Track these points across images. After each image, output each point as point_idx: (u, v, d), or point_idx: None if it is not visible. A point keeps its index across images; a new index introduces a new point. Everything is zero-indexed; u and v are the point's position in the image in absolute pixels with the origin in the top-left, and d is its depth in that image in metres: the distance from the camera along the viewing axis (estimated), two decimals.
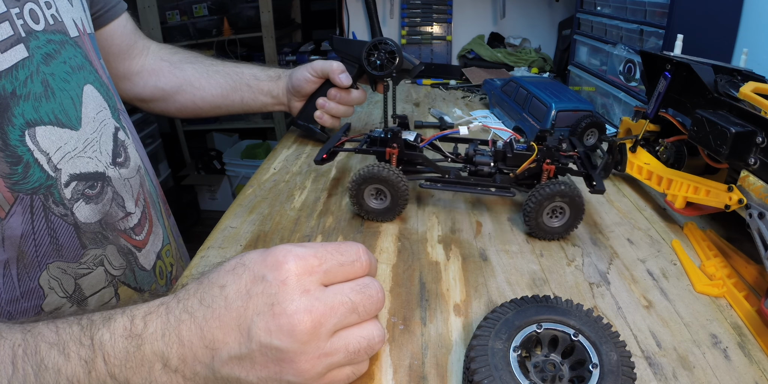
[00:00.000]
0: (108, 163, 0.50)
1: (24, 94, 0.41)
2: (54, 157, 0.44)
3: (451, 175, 0.54)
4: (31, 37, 0.43)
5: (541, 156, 0.52)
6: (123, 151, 0.54)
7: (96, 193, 0.48)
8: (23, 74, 0.41)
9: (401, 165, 0.55)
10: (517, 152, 0.53)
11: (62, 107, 0.45)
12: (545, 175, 0.52)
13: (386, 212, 0.54)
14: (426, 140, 0.56)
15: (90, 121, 0.49)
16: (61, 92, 0.45)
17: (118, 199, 0.51)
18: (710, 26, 0.70)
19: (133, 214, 0.53)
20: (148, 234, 0.56)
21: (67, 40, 0.48)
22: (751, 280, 0.44)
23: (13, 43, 0.41)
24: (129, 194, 0.53)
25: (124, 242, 0.52)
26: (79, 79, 0.49)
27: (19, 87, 0.41)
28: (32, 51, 0.43)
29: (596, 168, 0.52)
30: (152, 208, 0.58)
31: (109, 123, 0.52)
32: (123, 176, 0.52)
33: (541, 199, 0.49)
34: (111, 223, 0.50)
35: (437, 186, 0.54)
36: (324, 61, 0.73)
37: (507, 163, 0.53)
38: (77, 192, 0.46)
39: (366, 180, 0.52)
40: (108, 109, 0.53)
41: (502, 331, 0.33)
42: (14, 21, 0.41)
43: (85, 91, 0.49)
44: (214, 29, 2.25)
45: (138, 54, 0.73)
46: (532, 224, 0.50)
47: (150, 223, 0.57)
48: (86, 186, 0.47)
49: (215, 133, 2.51)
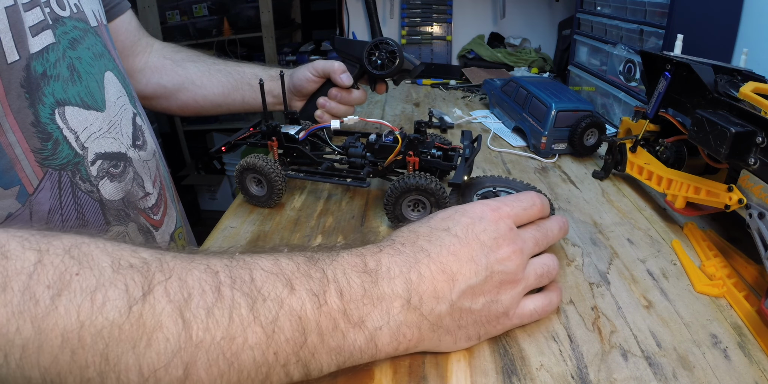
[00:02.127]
0: (129, 145, 0.52)
1: (54, 75, 0.43)
2: (81, 135, 0.46)
3: (323, 166, 0.57)
4: (58, 24, 0.45)
5: (405, 148, 0.53)
6: (141, 135, 0.56)
7: (119, 172, 0.50)
8: (53, 57, 0.43)
9: (291, 157, 0.59)
10: (383, 144, 0.54)
11: (88, 90, 0.47)
12: (410, 167, 0.53)
13: (266, 199, 0.57)
14: (303, 134, 0.59)
15: (112, 104, 0.51)
16: (87, 75, 0.48)
17: (138, 179, 0.53)
18: (710, 26, 0.70)
19: (151, 194, 0.55)
20: (163, 215, 0.58)
21: (89, 28, 0.50)
22: (751, 280, 0.44)
23: (43, 28, 0.43)
24: (147, 176, 0.55)
25: (144, 221, 0.54)
26: (101, 66, 0.51)
27: (50, 68, 0.43)
28: (59, 37, 0.45)
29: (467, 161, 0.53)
30: (167, 191, 0.61)
31: (128, 108, 0.55)
32: (142, 158, 0.55)
33: (398, 192, 0.50)
34: (132, 202, 0.52)
35: (300, 175, 0.57)
36: (325, 60, 0.73)
37: (376, 155, 0.55)
38: (102, 170, 0.48)
39: (246, 169, 0.56)
40: (126, 95, 0.55)
41: (471, 190, 0.51)
42: (42, 7, 0.43)
43: (106, 77, 0.51)
44: (214, 29, 2.25)
45: (141, 51, 0.73)
46: (391, 216, 0.52)
47: (165, 204, 0.59)
48: (110, 165, 0.49)
49: (215, 133, 2.51)
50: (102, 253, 0.26)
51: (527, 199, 0.40)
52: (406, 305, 0.31)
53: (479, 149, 0.55)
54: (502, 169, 0.70)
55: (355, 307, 0.29)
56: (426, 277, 0.32)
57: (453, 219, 0.36)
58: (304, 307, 0.28)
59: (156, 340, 0.24)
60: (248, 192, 0.58)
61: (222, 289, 0.27)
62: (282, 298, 0.27)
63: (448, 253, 0.34)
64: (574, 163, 0.71)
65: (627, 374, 0.34)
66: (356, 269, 0.31)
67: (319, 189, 0.63)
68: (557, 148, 0.73)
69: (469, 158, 0.53)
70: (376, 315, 0.30)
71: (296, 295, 0.28)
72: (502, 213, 0.38)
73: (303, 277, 0.29)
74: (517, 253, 0.36)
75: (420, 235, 0.35)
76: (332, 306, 0.28)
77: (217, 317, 0.26)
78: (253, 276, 0.28)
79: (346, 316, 0.29)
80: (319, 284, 0.29)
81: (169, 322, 0.25)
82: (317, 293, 0.28)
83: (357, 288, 0.30)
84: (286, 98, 0.64)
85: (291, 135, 0.58)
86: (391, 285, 0.31)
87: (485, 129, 0.87)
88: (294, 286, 0.28)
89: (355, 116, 0.57)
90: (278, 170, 0.55)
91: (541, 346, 0.37)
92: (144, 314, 0.25)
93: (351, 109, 0.75)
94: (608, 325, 0.39)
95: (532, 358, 0.36)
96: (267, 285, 0.28)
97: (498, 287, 0.34)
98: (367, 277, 0.30)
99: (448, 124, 0.86)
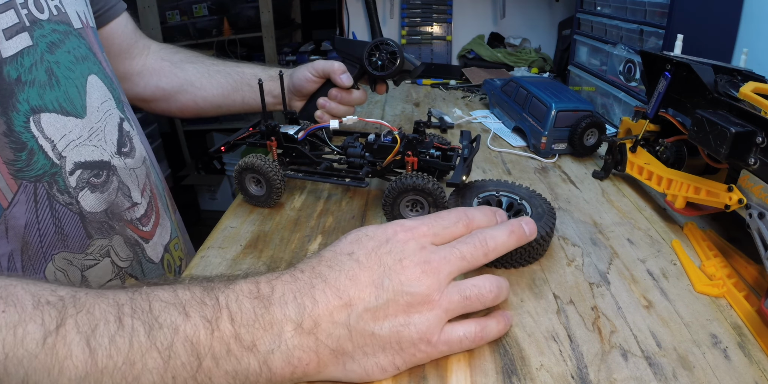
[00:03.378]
0: (113, 153, 0.50)
1: (29, 81, 0.41)
2: (59, 144, 0.43)
3: (322, 166, 0.57)
4: (36, 26, 0.43)
5: (403, 148, 0.53)
6: (128, 142, 0.54)
7: (101, 181, 0.48)
8: (28, 61, 0.41)
9: (290, 157, 0.59)
10: (381, 144, 0.54)
11: (67, 95, 0.45)
12: (409, 167, 0.53)
13: (266, 199, 0.57)
14: (302, 133, 0.59)
15: (95, 110, 0.49)
16: (66, 80, 0.46)
17: (123, 188, 0.51)
18: (710, 26, 0.70)
19: (139, 204, 0.53)
20: (155, 226, 0.56)
21: (71, 30, 0.48)
22: (751, 280, 0.44)
23: (18, 31, 0.41)
24: (135, 184, 0.53)
25: (131, 233, 0.51)
26: (84, 69, 0.49)
27: (24, 73, 0.41)
28: (36, 40, 0.43)
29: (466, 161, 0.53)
30: (159, 200, 0.58)
31: (113, 113, 0.52)
32: (129, 166, 0.52)
33: (396, 192, 0.50)
34: (117, 213, 0.49)
35: (299, 175, 0.57)
36: (325, 61, 0.73)
37: (375, 155, 0.55)
38: (82, 180, 0.46)
39: (245, 169, 0.56)
40: (112, 99, 0.53)
41: (473, 193, 0.51)
42: (18, 9, 0.41)
43: (90, 81, 0.49)
44: (214, 29, 2.25)
45: (139, 54, 0.73)
46: (390, 216, 0.51)
47: (157, 214, 0.57)
48: (91, 174, 0.47)
49: (215, 133, 2.51)
50: (25, 293, 0.29)
51: (451, 217, 0.38)
52: (298, 329, 0.31)
53: (478, 149, 0.55)
54: (502, 169, 0.70)
55: (247, 331, 0.30)
56: (320, 302, 0.31)
57: (359, 242, 0.35)
58: (197, 332, 0.29)
59: (67, 368, 0.27)
60: (247, 192, 0.58)
61: (123, 318, 0.29)
62: (177, 324, 0.29)
63: (346, 277, 0.33)
64: (574, 163, 0.71)
65: (627, 374, 0.34)
66: (249, 295, 0.31)
67: (319, 189, 0.63)
68: (557, 148, 0.73)
69: (467, 158, 0.53)
70: (267, 339, 0.30)
71: (191, 321, 0.29)
72: (417, 232, 0.36)
73: (197, 304, 0.30)
74: (428, 273, 0.34)
75: (323, 260, 0.35)
76: (224, 331, 0.29)
77: (118, 344, 0.28)
78: (151, 306, 0.29)
79: (238, 340, 0.29)
80: (212, 310, 0.30)
81: (77, 350, 0.27)
82: (210, 319, 0.29)
83: (248, 313, 0.30)
84: (285, 98, 0.64)
85: (290, 135, 0.58)
86: (283, 310, 0.31)
87: (485, 129, 0.87)
88: (189, 313, 0.29)
89: (355, 116, 0.57)
90: (277, 170, 0.55)
91: (541, 346, 0.37)
92: (57, 344, 0.27)
93: (351, 110, 0.75)
94: (608, 325, 0.39)
95: (532, 358, 0.36)
96: (163, 313, 0.29)
97: (406, 310, 0.33)
98: (258, 303, 0.31)
99: (448, 124, 0.86)
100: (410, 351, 0.33)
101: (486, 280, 0.36)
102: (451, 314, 0.34)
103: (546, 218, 0.47)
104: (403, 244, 0.35)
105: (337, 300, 0.32)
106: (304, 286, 0.32)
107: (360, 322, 0.32)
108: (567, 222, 0.55)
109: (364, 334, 0.32)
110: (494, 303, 0.36)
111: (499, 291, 0.36)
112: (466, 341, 0.34)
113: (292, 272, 0.34)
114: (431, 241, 0.36)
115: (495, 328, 0.36)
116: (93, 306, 0.29)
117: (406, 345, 0.32)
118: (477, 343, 0.35)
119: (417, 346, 0.33)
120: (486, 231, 0.38)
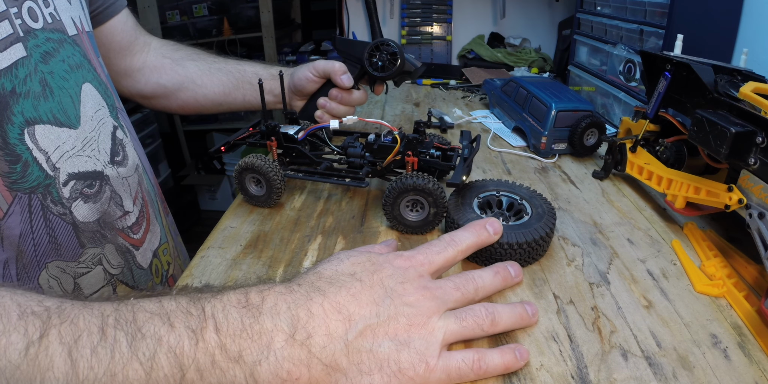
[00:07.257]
0: (106, 162, 0.50)
1: (23, 92, 0.41)
2: (53, 155, 0.43)
3: (322, 166, 0.57)
4: (30, 36, 0.43)
5: (404, 148, 0.53)
6: (121, 150, 0.54)
7: (94, 192, 0.48)
8: (23, 72, 0.41)
9: (290, 157, 0.59)
10: (382, 144, 0.54)
11: (61, 106, 0.45)
12: (409, 167, 0.53)
13: (266, 199, 0.57)
14: (302, 133, 0.59)
15: (88, 119, 0.49)
16: (60, 90, 0.45)
17: (116, 197, 0.51)
18: (710, 26, 0.70)
19: (131, 212, 0.53)
20: (145, 232, 0.56)
21: (66, 38, 0.48)
22: (751, 280, 0.44)
23: (12, 42, 0.41)
24: (127, 193, 0.53)
25: (122, 241, 0.52)
26: (78, 78, 0.48)
27: (19, 85, 0.41)
28: (30, 50, 0.43)
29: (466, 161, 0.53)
30: (150, 206, 0.58)
31: (107, 121, 0.52)
32: (121, 175, 0.52)
33: (396, 192, 0.50)
34: (109, 222, 0.50)
35: (299, 175, 0.57)
36: (326, 61, 0.73)
37: (375, 155, 0.55)
38: (75, 191, 0.46)
39: (245, 169, 0.56)
40: (106, 107, 0.53)
41: (473, 193, 0.51)
42: (13, 20, 0.41)
43: (84, 90, 0.49)
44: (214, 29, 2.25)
45: (139, 50, 0.73)
46: (390, 216, 0.51)
47: (147, 221, 0.57)
48: (84, 185, 0.47)
49: (215, 133, 2.51)
50: (12, 303, 0.29)
51: (440, 243, 0.40)
52: (289, 340, 0.29)
53: (478, 149, 0.55)
54: (502, 169, 0.70)
55: (233, 341, 0.29)
56: (317, 314, 0.31)
57: (361, 265, 0.36)
58: (181, 343, 0.28)
59: (48, 379, 0.26)
60: (247, 192, 0.58)
61: (106, 329, 0.28)
62: (161, 335, 0.28)
63: (348, 293, 0.33)
64: (574, 163, 0.71)
65: (627, 374, 0.34)
66: (237, 305, 0.30)
67: (319, 189, 0.63)
68: (557, 148, 0.73)
69: (467, 158, 0.53)
70: (254, 349, 0.29)
71: (175, 332, 0.28)
72: (415, 261, 0.38)
73: (183, 315, 0.29)
74: (428, 297, 0.35)
75: (323, 277, 0.35)
76: (209, 341, 0.29)
77: (100, 355, 0.27)
78: (135, 316, 0.29)
79: (223, 351, 0.29)
80: (198, 320, 0.29)
81: (59, 361, 0.27)
82: (195, 329, 0.29)
83: (235, 323, 0.29)
84: (285, 98, 0.64)
85: (290, 135, 0.58)
86: (275, 320, 0.30)
87: (485, 129, 0.87)
88: (173, 323, 0.29)
89: (355, 116, 0.57)
90: (277, 170, 0.55)
91: (541, 346, 0.37)
92: (39, 355, 0.27)
93: (351, 110, 0.75)
94: (608, 325, 0.39)
95: (532, 358, 0.36)
96: (147, 324, 0.29)
97: (407, 330, 0.32)
98: (246, 312, 0.30)
99: (448, 124, 0.86)
100: (408, 374, 0.31)
101: (481, 307, 0.36)
102: (451, 338, 0.34)
103: (546, 218, 0.47)
104: (403, 269, 0.36)
105: (336, 314, 0.31)
106: (300, 298, 0.32)
107: (359, 338, 0.31)
108: (567, 222, 0.55)
109: (362, 350, 0.31)
110: (494, 328, 0.36)
111: (495, 316, 0.36)
112: (464, 368, 0.33)
113: (288, 285, 0.33)
114: (428, 270, 0.38)
115: (498, 359, 0.34)
116: (77, 317, 0.28)
117: (405, 366, 0.31)
118: (476, 372, 0.33)
119: (415, 369, 0.31)
120: (475, 272, 0.40)
